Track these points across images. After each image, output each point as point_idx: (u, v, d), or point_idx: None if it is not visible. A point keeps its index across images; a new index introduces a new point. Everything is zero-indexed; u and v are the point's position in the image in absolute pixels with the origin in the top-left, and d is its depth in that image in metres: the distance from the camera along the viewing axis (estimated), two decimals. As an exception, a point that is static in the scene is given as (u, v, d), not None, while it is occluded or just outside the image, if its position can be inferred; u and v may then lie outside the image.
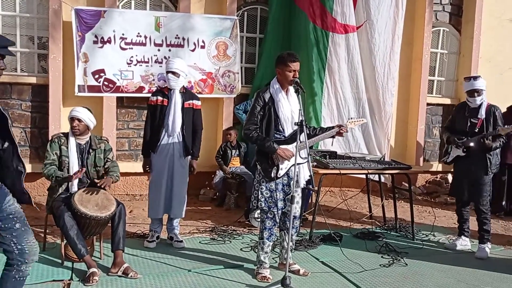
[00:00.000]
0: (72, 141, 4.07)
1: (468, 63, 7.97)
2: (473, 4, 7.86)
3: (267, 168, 3.82)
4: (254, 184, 4.04)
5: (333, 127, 4.10)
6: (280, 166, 3.81)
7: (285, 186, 3.89)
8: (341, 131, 4.01)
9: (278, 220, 3.90)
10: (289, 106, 3.83)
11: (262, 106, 3.80)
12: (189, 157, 4.66)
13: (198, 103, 4.68)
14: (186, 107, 4.54)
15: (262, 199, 3.86)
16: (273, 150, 3.75)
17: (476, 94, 4.80)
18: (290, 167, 3.83)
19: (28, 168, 6.14)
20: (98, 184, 3.97)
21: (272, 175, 3.81)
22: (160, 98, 4.50)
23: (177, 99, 4.49)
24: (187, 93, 4.62)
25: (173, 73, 4.47)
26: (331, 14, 6.62)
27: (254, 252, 4.51)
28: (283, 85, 3.83)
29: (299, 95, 3.69)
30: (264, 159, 3.84)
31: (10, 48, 2.60)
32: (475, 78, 4.86)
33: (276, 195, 3.85)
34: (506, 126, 4.71)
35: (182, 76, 4.53)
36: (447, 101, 8.12)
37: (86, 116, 4.05)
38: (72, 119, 4.05)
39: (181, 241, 4.65)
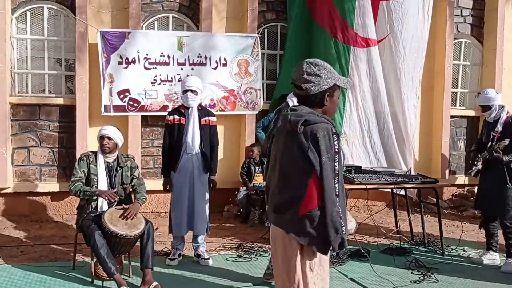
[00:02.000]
0: (101, 159, 4.15)
1: (491, 74, 7.87)
2: (495, 15, 7.79)
3: None
4: None
5: None
6: None
7: None
8: None
9: None
10: None
11: None
12: (208, 173, 4.69)
13: (214, 119, 4.74)
14: (203, 124, 4.60)
15: None
16: None
17: (483, 109, 4.89)
18: None
19: (56, 187, 6.30)
20: (125, 214, 3.98)
21: None
22: (177, 117, 4.56)
23: (195, 116, 4.55)
24: (202, 110, 4.69)
25: (192, 91, 4.53)
26: (353, 28, 6.64)
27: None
28: None
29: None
30: None
31: (38, 71, 2.67)
32: (478, 94, 4.94)
33: None
34: (503, 141, 4.66)
35: (199, 94, 4.60)
36: (471, 113, 8.02)
37: (116, 135, 4.15)
38: (102, 137, 4.13)
39: (208, 259, 4.66)
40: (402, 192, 6.07)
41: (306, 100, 2.47)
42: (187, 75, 6.39)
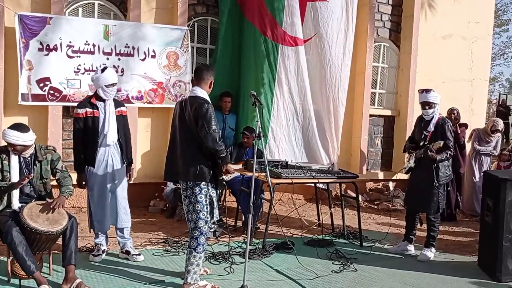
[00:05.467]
0: (13, 156, 3.87)
1: (406, 77, 8.45)
2: (410, 22, 8.36)
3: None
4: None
5: None
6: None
7: None
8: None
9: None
10: None
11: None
12: (125, 165, 4.61)
13: (125, 109, 4.66)
14: (117, 115, 4.50)
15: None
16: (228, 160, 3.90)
17: (427, 106, 5.02)
18: None
19: (-35, 180, 5.80)
20: (51, 206, 3.80)
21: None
22: (89, 110, 4.35)
23: (111, 108, 4.43)
24: (115, 101, 4.56)
25: (114, 84, 4.41)
26: (281, 26, 6.79)
27: (210, 262, 4.54)
28: None
29: (256, 108, 3.79)
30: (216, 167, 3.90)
31: None
32: (427, 91, 5.05)
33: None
34: (436, 142, 4.90)
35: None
36: (388, 112, 8.56)
37: (22, 140, 3.80)
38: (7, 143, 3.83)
39: (139, 254, 4.58)
40: (325, 186, 6.36)
41: None
42: (114, 66, 6.20)
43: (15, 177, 3.85)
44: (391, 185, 8.43)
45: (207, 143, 3.69)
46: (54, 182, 4.17)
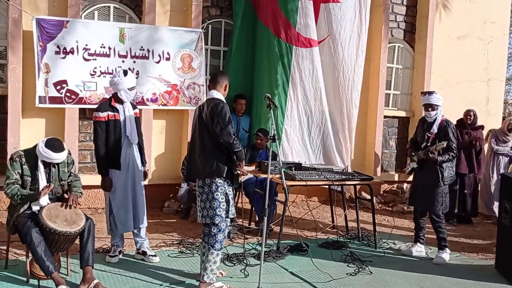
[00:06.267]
0: (39, 162, 3.94)
1: (421, 77, 8.39)
2: (425, 22, 8.31)
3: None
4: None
5: None
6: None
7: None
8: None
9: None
10: None
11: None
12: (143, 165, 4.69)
13: (138, 111, 4.76)
14: (134, 117, 4.58)
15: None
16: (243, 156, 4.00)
17: (430, 108, 5.05)
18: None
19: (-16, 181, 5.91)
20: (68, 203, 3.88)
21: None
22: (110, 113, 4.39)
23: (130, 110, 4.51)
24: (131, 103, 4.62)
25: (134, 87, 4.49)
26: (295, 28, 6.80)
27: (225, 264, 4.56)
28: None
29: (271, 110, 3.81)
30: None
31: None
32: (430, 93, 5.11)
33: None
34: (439, 143, 4.93)
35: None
36: (402, 113, 8.51)
37: (56, 160, 3.93)
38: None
39: (155, 256, 4.62)
40: (339, 188, 6.34)
41: None
42: (129, 68, 6.27)
43: (42, 178, 3.92)
44: (405, 186, 8.37)
45: (222, 137, 3.83)
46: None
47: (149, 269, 4.36)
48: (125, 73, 4.44)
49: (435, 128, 5.05)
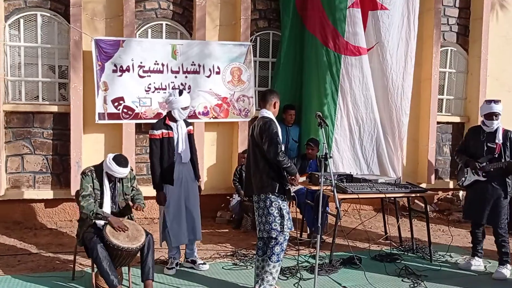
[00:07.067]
0: (105, 175, 4.20)
1: (476, 81, 8.11)
2: (479, 24, 8.02)
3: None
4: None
5: None
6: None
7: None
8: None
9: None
10: None
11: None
12: (196, 180, 4.87)
13: (192, 128, 4.94)
14: (188, 134, 4.76)
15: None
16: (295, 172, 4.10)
17: (494, 117, 4.85)
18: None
19: (50, 194, 6.33)
20: (133, 208, 4.21)
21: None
22: (165, 131, 4.60)
23: (183, 128, 4.70)
24: (184, 121, 4.80)
25: (188, 107, 4.68)
26: (343, 36, 6.78)
27: (278, 278, 4.62)
28: None
29: (323, 129, 3.85)
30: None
31: (32, 78, 2.72)
32: (496, 101, 4.88)
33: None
34: (497, 163, 4.76)
35: None
36: (457, 119, 8.25)
37: (123, 174, 4.19)
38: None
39: (204, 263, 4.82)
40: (392, 199, 6.25)
41: None
42: (181, 83, 6.49)
43: (107, 194, 4.19)
44: (461, 194, 8.11)
45: (270, 155, 3.97)
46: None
47: (205, 281, 4.50)
48: (180, 93, 4.63)
49: (500, 138, 4.86)
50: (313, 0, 6.84)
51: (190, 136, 4.80)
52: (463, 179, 5.09)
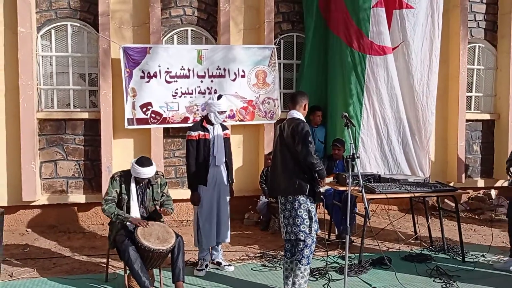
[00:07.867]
0: (133, 180, 4.30)
1: (506, 77, 7.94)
2: (508, 18, 7.86)
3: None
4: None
5: None
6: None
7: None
8: None
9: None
10: None
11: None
12: (229, 183, 4.93)
13: (229, 132, 5.00)
14: (224, 137, 4.82)
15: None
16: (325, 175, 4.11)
17: None
18: None
19: (82, 198, 6.50)
20: (160, 212, 4.27)
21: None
22: (201, 132, 4.71)
23: (220, 132, 4.78)
24: (221, 124, 4.89)
25: (225, 112, 4.78)
26: (368, 36, 6.75)
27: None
28: None
29: (350, 129, 3.85)
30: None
31: (63, 86, 2.81)
32: None
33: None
34: None
35: None
36: (486, 116, 8.09)
37: (149, 174, 4.27)
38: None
39: (230, 265, 4.89)
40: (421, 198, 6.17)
41: None
42: (207, 88, 6.59)
43: (133, 199, 4.29)
44: (493, 193, 7.95)
45: (303, 157, 3.95)
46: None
47: (234, 283, 4.55)
48: (219, 97, 4.75)
49: None
50: (336, 1, 6.85)
51: (226, 140, 4.87)
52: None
